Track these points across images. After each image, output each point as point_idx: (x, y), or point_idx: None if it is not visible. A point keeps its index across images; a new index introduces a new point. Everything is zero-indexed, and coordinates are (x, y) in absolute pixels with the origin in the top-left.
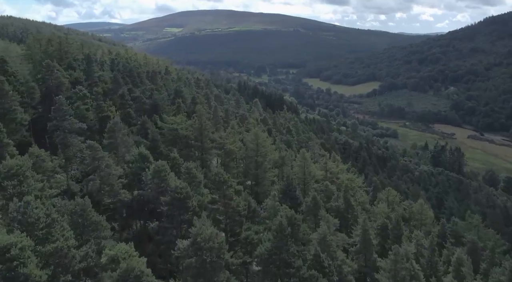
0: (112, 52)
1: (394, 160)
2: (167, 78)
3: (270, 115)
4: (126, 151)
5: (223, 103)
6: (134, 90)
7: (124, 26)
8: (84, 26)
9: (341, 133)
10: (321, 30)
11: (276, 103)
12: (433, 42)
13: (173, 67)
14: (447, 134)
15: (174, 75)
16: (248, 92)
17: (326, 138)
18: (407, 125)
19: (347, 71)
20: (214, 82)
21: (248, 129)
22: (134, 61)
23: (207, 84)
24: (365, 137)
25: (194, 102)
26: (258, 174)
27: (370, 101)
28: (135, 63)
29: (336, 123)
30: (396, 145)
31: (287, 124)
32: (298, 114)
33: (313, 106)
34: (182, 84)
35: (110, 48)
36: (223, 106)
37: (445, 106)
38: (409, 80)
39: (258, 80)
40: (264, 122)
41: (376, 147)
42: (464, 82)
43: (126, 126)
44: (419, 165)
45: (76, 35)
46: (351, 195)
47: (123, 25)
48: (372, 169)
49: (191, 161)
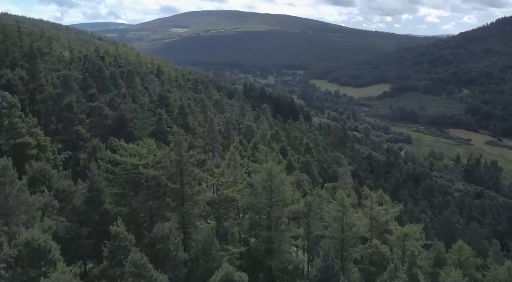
0: (99, 49)
1: (429, 179)
2: (153, 80)
3: (282, 126)
4: (26, 220)
5: (224, 110)
6: (98, 97)
7: (129, 26)
8: (90, 26)
9: (360, 143)
10: (327, 31)
11: (286, 108)
12: (443, 44)
13: (172, 67)
14: (463, 140)
15: (166, 76)
16: (255, 95)
17: (350, 153)
18: (420, 129)
19: (355, 72)
20: (217, 84)
21: (256, 159)
22: (124, 60)
23: (206, 87)
24: (388, 148)
25: (182, 113)
26: (271, 237)
27: (380, 104)
28: (125, 61)
29: (347, 127)
30: (412, 151)
31: (303, 138)
32: (310, 120)
33: (322, 109)
34: (171, 87)
35: (98, 44)
36: (224, 115)
37: (459, 110)
38: (420, 82)
39: (264, 81)
40: (277, 138)
41: (401, 159)
42: (478, 85)
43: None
44: (453, 182)
45: (75, 33)
46: (417, 266)
47: (129, 26)
48: (407, 193)
49: (161, 220)
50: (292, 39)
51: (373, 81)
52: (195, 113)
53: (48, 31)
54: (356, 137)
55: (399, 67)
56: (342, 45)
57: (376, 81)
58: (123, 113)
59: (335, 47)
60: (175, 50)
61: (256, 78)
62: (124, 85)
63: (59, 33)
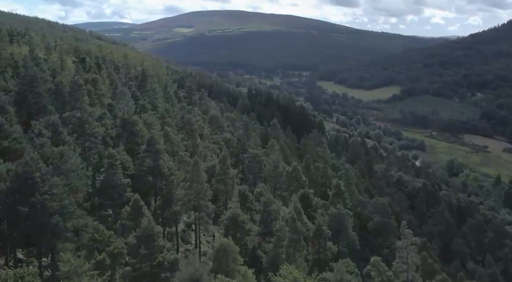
0: (80, 49)
1: (478, 214)
2: (124, 92)
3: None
4: None
5: (223, 129)
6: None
7: (133, 26)
8: (94, 25)
9: (384, 159)
10: (333, 31)
11: (297, 117)
12: (454, 45)
13: (166, 70)
14: (479, 147)
15: (150, 84)
16: (261, 100)
17: (380, 183)
18: (433, 135)
19: (363, 74)
20: (220, 87)
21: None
22: (108, 61)
23: (202, 98)
24: (416, 167)
25: (151, 151)
26: None
27: (390, 108)
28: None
29: (358, 133)
30: (429, 160)
31: (327, 169)
32: (324, 132)
33: (329, 113)
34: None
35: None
36: (223, 136)
37: (473, 115)
38: (431, 85)
39: (269, 82)
40: (295, 178)
41: (434, 181)
42: (492, 89)
43: None
44: (497, 210)
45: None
46: None
47: (133, 25)
48: (464, 243)
49: None
50: (297, 39)
51: (382, 83)
52: (176, 145)
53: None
54: (379, 153)
55: (408, 69)
56: (348, 46)
57: (385, 83)
58: (29, 172)
59: (340, 47)
60: (178, 50)
61: (261, 79)
62: (69, 104)
63: (57, 31)
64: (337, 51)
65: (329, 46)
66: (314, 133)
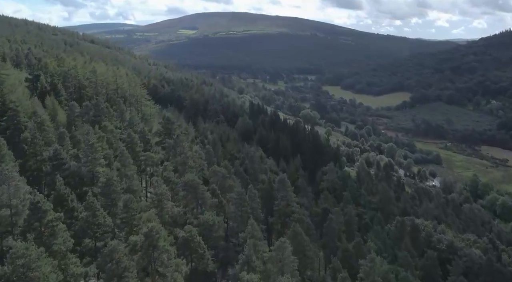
0: (40, 60)
1: None
2: None
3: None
4: None
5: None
6: None
7: (137, 27)
8: (98, 27)
9: (412, 206)
10: (338, 34)
11: (309, 144)
12: (466, 49)
13: (146, 94)
14: (499, 160)
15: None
16: (264, 121)
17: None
18: (448, 146)
19: (371, 79)
20: (216, 105)
21: None
22: (73, 78)
23: (186, 132)
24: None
25: None
26: None
27: (400, 115)
28: (75, 81)
29: (369, 145)
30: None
31: None
32: (343, 166)
33: (338, 122)
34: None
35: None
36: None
37: (489, 124)
38: (443, 92)
39: (274, 87)
40: None
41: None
42: (509, 96)
43: None
44: None
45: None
46: None
47: (136, 27)
48: None
49: None
50: (302, 41)
51: (391, 89)
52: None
53: None
54: (412, 200)
55: (418, 74)
56: (354, 49)
57: (394, 89)
58: None
59: (346, 50)
60: (182, 53)
61: (266, 84)
62: None
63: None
64: (343, 54)
65: (335, 49)
66: (331, 171)
